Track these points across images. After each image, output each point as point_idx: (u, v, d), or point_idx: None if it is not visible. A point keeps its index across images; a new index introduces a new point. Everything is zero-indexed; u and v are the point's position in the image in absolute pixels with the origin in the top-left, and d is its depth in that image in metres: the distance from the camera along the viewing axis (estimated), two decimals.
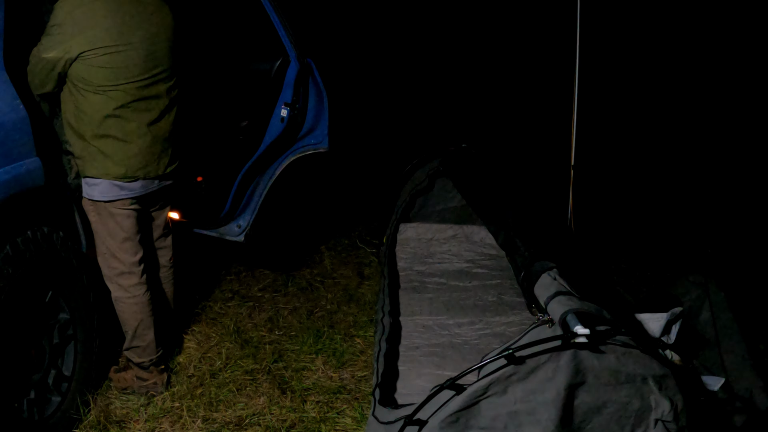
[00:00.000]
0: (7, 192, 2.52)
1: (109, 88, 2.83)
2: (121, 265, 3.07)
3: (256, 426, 3.02)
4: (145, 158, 2.99)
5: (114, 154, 2.91)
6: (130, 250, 3.08)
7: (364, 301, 4.24)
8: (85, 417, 2.99)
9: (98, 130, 2.87)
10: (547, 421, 2.13)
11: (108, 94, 2.84)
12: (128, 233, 3.05)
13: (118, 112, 2.88)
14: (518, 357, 2.13)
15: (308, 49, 3.74)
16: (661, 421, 2.16)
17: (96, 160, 2.90)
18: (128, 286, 3.09)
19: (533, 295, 2.62)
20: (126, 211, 3.03)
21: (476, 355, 3.21)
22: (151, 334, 3.17)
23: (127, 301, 3.10)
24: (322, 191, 5.72)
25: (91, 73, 2.80)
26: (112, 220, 3.01)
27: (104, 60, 2.79)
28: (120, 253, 3.06)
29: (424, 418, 2.17)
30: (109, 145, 2.89)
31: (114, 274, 3.08)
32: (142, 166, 2.99)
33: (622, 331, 2.22)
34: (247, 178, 3.88)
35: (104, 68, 2.81)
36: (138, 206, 3.08)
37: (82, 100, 2.83)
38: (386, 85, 7.39)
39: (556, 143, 4.75)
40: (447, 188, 4.62)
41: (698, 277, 3.49)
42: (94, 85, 2.81)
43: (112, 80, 2.83)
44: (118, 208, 3.00)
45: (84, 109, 2.84)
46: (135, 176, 2.97)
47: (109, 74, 2.82)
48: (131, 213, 3.05)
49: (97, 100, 2.84)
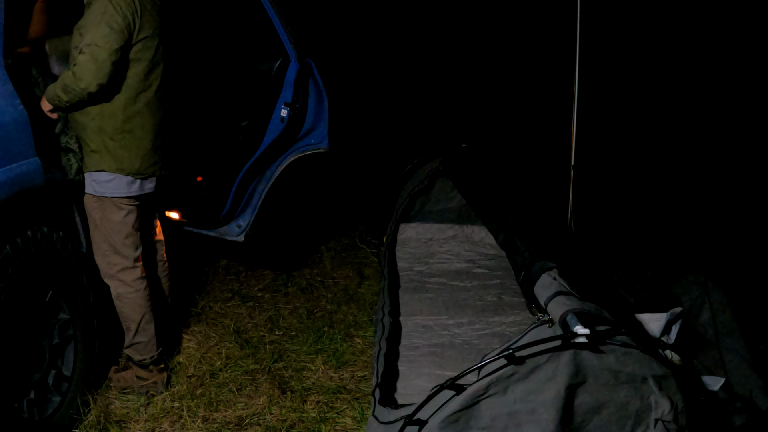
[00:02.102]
0: (7, 192, 2.52)
1: (141, 82, 2.92)
2: (125, 260, 3.10)
3: (256, 426, 3.02)
4: (156, 155, 3.08)
5: (133, 149, 2.98)
6: (132, 245, 3.12)
7: (364, 301, 4.24)
8: (85, 417, 2.99)
9: (124, 125, 2.94)
10: (547, 421, 2.13)
11: (138, 89, 2.92)
12: (132, 228, 3.11)
13: (143, 108, 2.97)
14: (518, 357, 2.13)
15: (308, 49, 3.74)
16: (661, 421, 2.16)
17: (114, 155, 2.95)
18: (131, 280, 3.12)
19: (533, 295, 2.62)
20: (131, 207, 3.09)
21: (476, 355, 3.21)
22: (152, 329, 3.20)
23: (131, 296, 3.13)
24: (322, 191, 5.72)
25: (130, 65, 2.88)
26: (118, 216, 3.05)
27: (142, 52, 2.89)
28: (123, 248, 3.09)
29: (424, 418, 2.17)
30: (130, 141, 2.96)
31: (115, 270, 3.10)
32: (153, 162, 3.07)
33: (622, 331, 2.22)
34: (247, 178, 3.88)
35: (141, 61, 2.90)
36: (140, 202, 3.13)
37: (115, 94, 2.88)
38: (386, 85, 7.38)
39: (556, 143, 4.75)
40: (447, 188, 4.61)
41: (698, 277, 3.50)
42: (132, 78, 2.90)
43: (145, 74, 2.93)
44: (125, 204, 3.05)
45: (114, 102, 2.89)
46: (146, 173, 3.05)
47: (145, 67, 2.92)
48: (134, 209, 3.11)
49: (127, 95, 2.91)
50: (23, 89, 2.71)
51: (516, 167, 5.25)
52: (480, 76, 7.78)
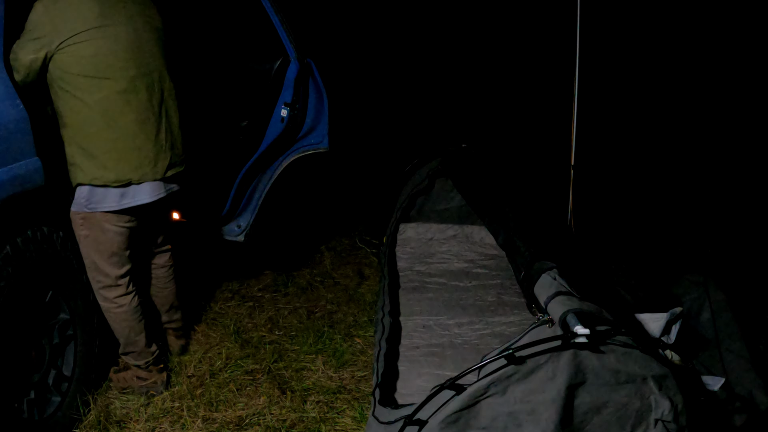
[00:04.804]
0: (7, 192, 2.52)
1: (94, 81, 2.71)
2: (106, 278, 3.00)
3: (256, 426, 3.02)
4: (138, 159, 2.85)
5: (103, 154, 2.79)
6: (116, 264, 2.99)
7: (364, 301, 4.24)
8: (85, 417, 2.99)
9: (84, 129, 2.75)
10: (547, 421, 2.13)
11: (93, 89, 2.72)
12: (117, 249, 2.97)
13: (103, 109, 2.75)
14: (518, 357, 2.13)
15: (308, 49, 3.74)
16: (661, 421, 2.16)
17: (84, 164, 2.79)
18: (112, 297, 3.03)
19: (533, 295, 2.62)
20: (118, 228, 2.93)
21: (476, 355, 3.21)
22: (143, 339, 3.14)
23: (114, 311, 3.05)
24: (322, 191, 5.72)
25: (73, 64, 2.68)
26: (104, 236, 2.92)
27: (88, 48, 2.68)
28: (106, 267, 2.97)
29: (424, 418, 2.17)
30: (98, 146, 2.77)
31: (99, 287, 3.01)
32: (133, 168, 2.85)
33: (622, 331, 2.22)
34: (247, 178, 3.88)
35: (87, 57, 2.69)
36: (134, 223, 2.98)
37: (66, 99, 2.73)
38: (386, 85, 7.38)
39: (556, 143, 4.75)
40: (447, 188, 4.62)
41: (698, 277, 3.50)
42: (80, 78, 2.69)
43: (99, 72, 2.72)
44: (112, 223, 2.91)
45: (71, 108, 2.74)
46: (127, 180, 2.84)
47: (96, 64, 2.71)
48: (123, 230, 2.95)
49: (81, 98, 2.71)
50: (23, 89, 2.70)
51: (516, 167, 5.25)
52: (480, 76, 7.78)
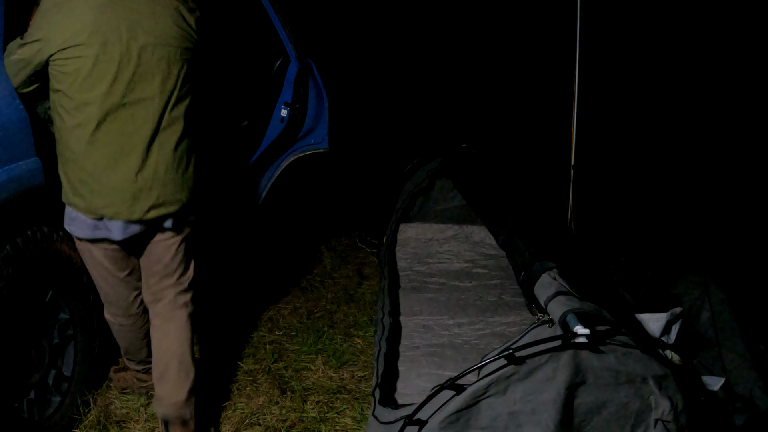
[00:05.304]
0: (7, 192, 2.52)
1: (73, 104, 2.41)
2: (105, 296, 2.87)
3: (256, 426, 3.02)
4: (109, 198, 2.51)
5: (77, 183, 2.51)
6: (115, 285, 2.80)
7: (364, 301, 4.24)
8: (85, 417, 2.99)
9: (64, 154, 2.51)
10: (547, 421, 2.13)
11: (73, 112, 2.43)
12: (108, 273, 2.77)
13: (77, 137, 2.44)
14: (518, 357, 2.13)
15: (308, 49, 3.74)
16: (661, 421, 2.16)
17: (64, 185, 2.57)
18: (114, 315, 2.90)
19: (533, 295, 2.62)
20: (103, 252, 2.69)
21: (476, 355, 3.21)
22: (143, 352, 3.02)
23: (116, 327, 2.96)
24: (322, 191, 5.72)
25: (61, 79, 2.41)
26: (92, 259, 2.73)
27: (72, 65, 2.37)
28: (104, 287, 2.82)
29: (424, 418, 2.17)
30: (73, 173, 2.51)
31: (102, 298, 2.91)
32: (106, 204, 2.51)
33: (622, 331, 2.22)
34: (248, 177, 3.88)
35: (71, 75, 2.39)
36: (121, 252, 2.72)
37: (54, 112, 2.49)
38: (386, 85, 7.39)
39: (556, 143, 4.76)
40: (447, 188, 4.62)
41: (698, 277, 3.50)
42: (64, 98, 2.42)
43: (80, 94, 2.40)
44: (94, 249, 2.69)
45: (56, 124, 2.51)
46: (99, 214, 2.53)
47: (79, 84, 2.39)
48: (111, 255, 2.70)
49: (63, 117, 2.45)
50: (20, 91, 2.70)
51: (516, 167, 5.26)
52: (480, 77, 7.79)
